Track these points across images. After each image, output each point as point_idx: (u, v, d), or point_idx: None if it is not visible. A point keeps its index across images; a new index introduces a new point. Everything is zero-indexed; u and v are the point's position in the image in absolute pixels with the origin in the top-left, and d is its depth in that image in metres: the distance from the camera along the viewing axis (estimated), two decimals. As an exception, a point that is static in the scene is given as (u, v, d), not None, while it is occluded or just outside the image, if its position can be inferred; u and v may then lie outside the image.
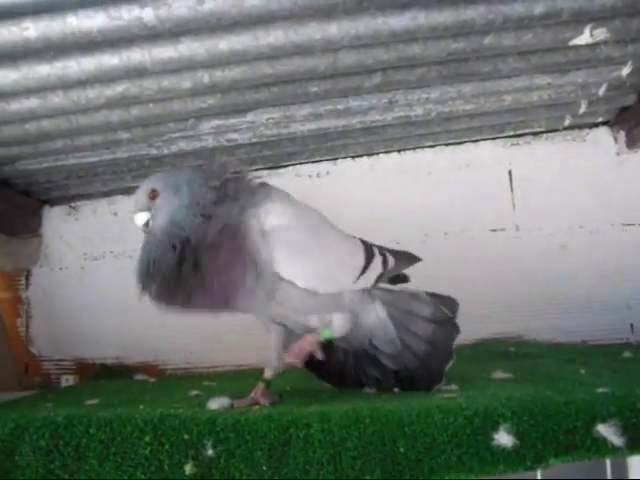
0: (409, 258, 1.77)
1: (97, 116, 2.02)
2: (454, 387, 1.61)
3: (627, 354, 2.13)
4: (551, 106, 2.45)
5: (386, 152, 2.65)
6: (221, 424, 1.28)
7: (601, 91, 2.34)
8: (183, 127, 2.18)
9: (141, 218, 1.50)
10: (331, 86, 2.01)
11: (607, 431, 1.22)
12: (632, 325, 2.62)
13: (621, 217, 2.66)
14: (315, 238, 1.55)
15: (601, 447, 1.21)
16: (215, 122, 2.17)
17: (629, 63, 2.17)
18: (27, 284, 2.72)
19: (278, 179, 2.65)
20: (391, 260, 1.68)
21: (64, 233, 2.74)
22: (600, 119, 2.67)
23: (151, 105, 2.00)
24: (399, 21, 1.71)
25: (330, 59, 1.85)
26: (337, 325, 1.54)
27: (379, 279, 1.62)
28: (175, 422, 1.29)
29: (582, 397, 1.31)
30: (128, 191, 2.70)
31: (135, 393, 1.92)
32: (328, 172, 2.66)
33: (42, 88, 1.80)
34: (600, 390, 1.39)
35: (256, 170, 2.64)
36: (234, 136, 2.28)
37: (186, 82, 1.86)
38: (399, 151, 2.66)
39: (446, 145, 2.67)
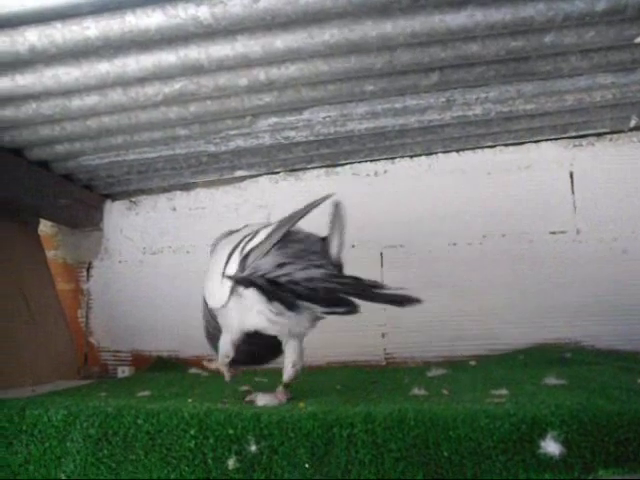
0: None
1: (155, 113, 2.05)
2: (504, 392, 1.58)
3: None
4: (615, 106, 2.38)
5: (444, 152, 2.62)
6: (265, 420, 1.29)
7: (668, 91, 2.26)
8: (240, 124, 2.19)
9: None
10: (388, 84, 2.00)
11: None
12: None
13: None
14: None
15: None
16: (272, 119, 2.18)
17: (697, 61, 2.09)
18: (88, 276, 2.79)
19: (335, 177, 2.66)
20: None
21: (124, 227, 2.80)
22: (667, 120, 2.59)
23: (208, 102, 2.02)
24: (455, 19, 1.69)
25: (386, 57, 1.84)
26: None
27: None
28: (220, 417, 1.31)
29: (636, 407, 1.28)
30: (187, 187, 2.75)
31: (186, 387, 1.95)
32: (386, 171, 2.64)
33: (102, 85, 1.84)
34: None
35: (313, 169, 2.65)
36: (291, 134, 2.29)
37: (242, 80, 1.88)
38: (458, 151, 2.62)
39: (506, 145, 2.61)
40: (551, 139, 2.60)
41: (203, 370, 2.28)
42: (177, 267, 2.72)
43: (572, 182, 2.59)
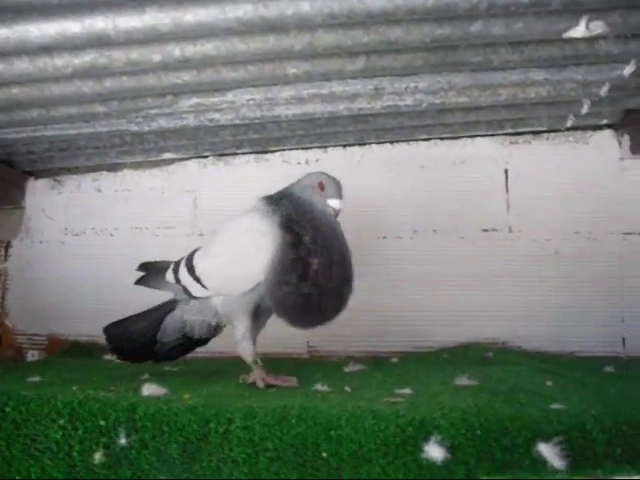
0: None
1: (69, 86, 1.96)
2: (407, 391, 1.53)
3: (609, 369, 2.02)
4: (551, 104, 2.34)
5: (378, 143, 2.56)
6: (141, 412, 1.22)
7: (603, 91, 2.22)
8: (161, 103, 2.11)
9: (341, 204, 1.72)
10: (311, 68, 1.93)
11: (549, 451, 1.12)
12: (624, 339, 2.51)
13: (621, 225, 2.54)
14: None
15: (540, 468, 1.12)
16: (194, 100, 2.10)
17: (632, 62, 2.05)
18: (6, 255, 2.68)
19: (265, 164, 2.58)
20: None
21: (47, 206, 2.70)
22: (605, 121, 2.55)
23: (124, 78, 1.94)
24: (375, 1, 1.62)
25: (306, 38, 1.76)
26: None
27: None
28: (95, 406, 1.24)
29: (531, 413, 1.23)
30: (113, 168, 2.66)
31: (87, 373, 1.86)
32: (317, 160, 2.57)
33: (3, 52, 1.74)
34: (554, 406, 1.30)
35: (242, 154, 2.57)
36: (216, 116, 2.21)
37: (156, 55, 1.79)
38: (392, 142, 2.56)
39: (441, 139, 2.56)
40: (487, 135, 2.56)
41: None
42: (100, 249, 2.63)
43: (507, 180, 2.55)
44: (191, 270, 1.73)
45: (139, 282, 1.87)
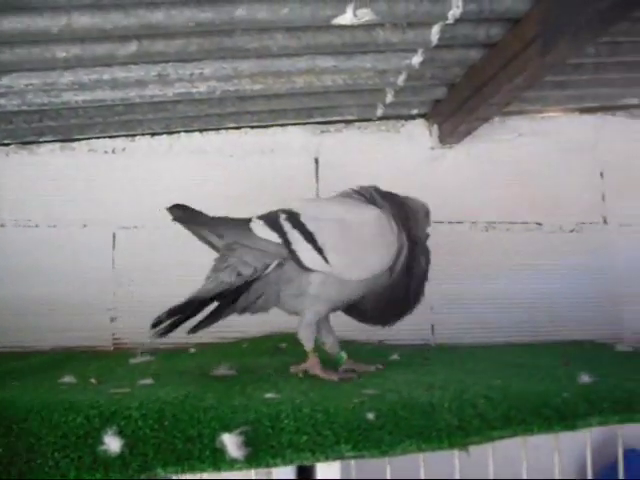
0: None
1: None
2: (148, 381, 1.51)
3: (395, 357, 2.01)
4: (355, 92, 2.35)
5: (187, 132, 2.52)
6: None
7: (400, 80, 2.25)
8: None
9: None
10: (81, 52, 1.86)
11: (231, 441, 1.10)
12: (433, 327, 2.55)
13: (432, 214, 2.57)
14: None
15: (219, 459, 1.10)
16: (-33, 84, 2.01)
17: (420, 52, 2.07)
18: None
19: (71, 153, 2.50)
20: None
21: None
22: (415, 111, 2.58)
23: None
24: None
25: (63, 20, 1.69)
26: None
27: None
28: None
29: (235, 403, 1.22)
30: None
31: None
32: (124, 149, 2.51)
33: None
34: (268, 395, 1.30)
35: (47, 142, 2.48)
36: (1, 102, 2.11)
37: None
38: (201, 131, 2.52)
39: (252, 128, 2.54)
40: (299, 124, 2.55)
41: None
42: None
43: (317, 169, 2.54)
44: (308, 237, 1.59)
45: (190, 225, 1.75)
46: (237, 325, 2.29)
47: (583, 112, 2.78)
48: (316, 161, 2.54)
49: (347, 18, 1.81)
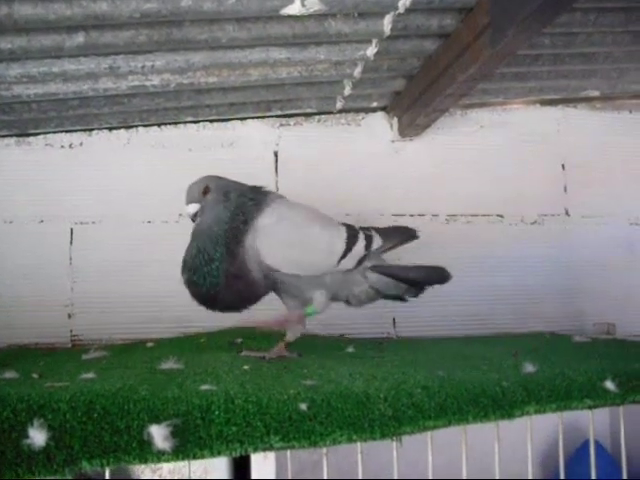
0: (403, 233, 2.00)
1: None
2: (90, 376, 1.48)
3: (350, 349, 2.00)
4: (312, 84, 2.33)
5: (145, 126, 2.49)
6: None
7: (357, 72, 2.23)
8: None
9: (192, 208, 1.84)
10: (27, 44, 1.82)
11: (158, 433, 1.09)
12: (394, 319, 2.54)
13: (393, 207, 2.58)
14: (297, 232, 1.80)
15: (146, 450, 1.08)
16: None
17: (374, 42, 2.06)
18: None
19: (27, 148, 2.46)
20: (377, 240, 1.89)
21: None
22: (375, 104, 2.57)
23: None
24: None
25: (3, 10, 1.66)
26: (317, 301, 1.79)
27: (362, 260, 1.84)
28: None
29: (168, 395, 1.19)
30: None
31: None
32: (82, 143, 2.48)
33: None
34: (204, 387, 1.28)
35: (2, 137, 2.44)
36: (-50, 96, 2.09)
37: None
38: (159, 125, 2.50)
39: (211, 122, 2.52)
40: (258, 117, 2.53)
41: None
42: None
43: (276, 162, 2.53)
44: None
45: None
46: (197, 320, 2.30)
47: (545, 104, 2.80)
48: (275, 154, 2.53)
49: (295, 8, 1.79)
